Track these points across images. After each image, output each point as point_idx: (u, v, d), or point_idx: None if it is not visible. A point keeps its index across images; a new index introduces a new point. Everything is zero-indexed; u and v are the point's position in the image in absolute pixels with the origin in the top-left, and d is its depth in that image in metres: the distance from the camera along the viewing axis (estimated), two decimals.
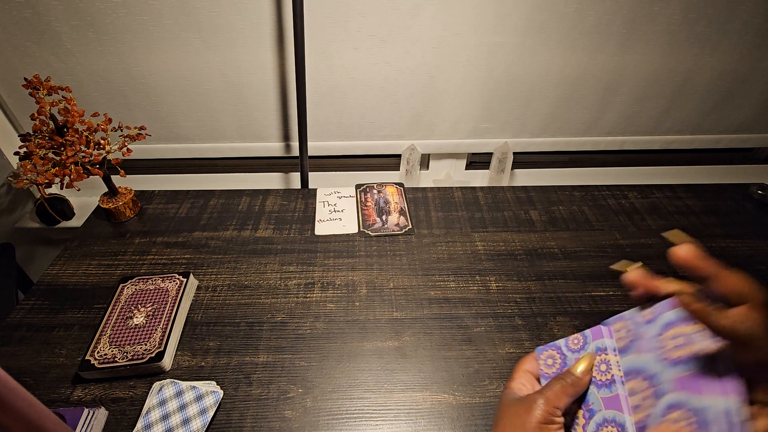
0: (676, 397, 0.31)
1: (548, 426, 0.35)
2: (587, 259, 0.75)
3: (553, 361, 0.42)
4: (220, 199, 0.87)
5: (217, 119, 0.94)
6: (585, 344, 0.41)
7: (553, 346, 0.43)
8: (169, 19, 0.80)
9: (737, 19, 0.85)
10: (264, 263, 0.73)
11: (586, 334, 0.41)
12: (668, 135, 1.04)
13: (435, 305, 0.66)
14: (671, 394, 0.31)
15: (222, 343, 0.61)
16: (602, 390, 0.37)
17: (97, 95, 0.89)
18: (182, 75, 0.87)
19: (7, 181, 0.95)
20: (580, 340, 0.41)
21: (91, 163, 0.73)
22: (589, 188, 0.91)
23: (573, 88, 0.93)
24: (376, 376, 0.57)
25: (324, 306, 0.66)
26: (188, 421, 0.51)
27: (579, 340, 0.41)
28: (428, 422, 0.53)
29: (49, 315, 0.65)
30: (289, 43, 0.83)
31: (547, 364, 0.42)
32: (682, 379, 0.31)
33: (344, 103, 0.93)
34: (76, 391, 0.55)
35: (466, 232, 0.80)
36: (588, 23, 0.84)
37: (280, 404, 0.54)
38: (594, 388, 0.37)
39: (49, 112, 0.68)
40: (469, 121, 0.98)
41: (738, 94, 0.97)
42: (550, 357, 0.43)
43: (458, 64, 0.88)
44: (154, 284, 0.66)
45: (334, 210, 0.85)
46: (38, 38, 0.81)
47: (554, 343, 0.43)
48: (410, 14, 0.81)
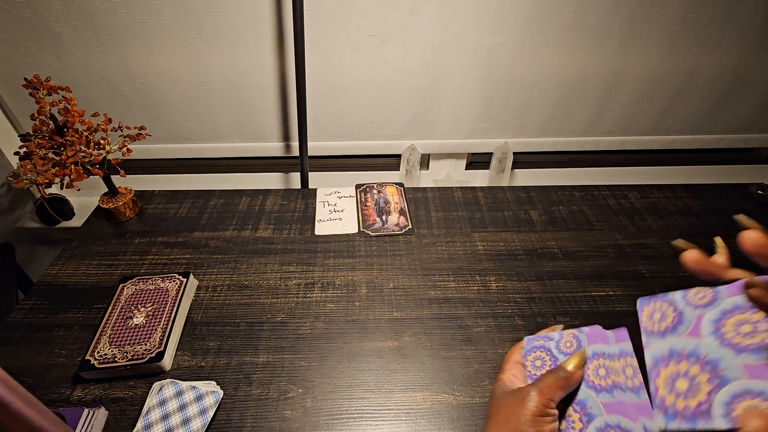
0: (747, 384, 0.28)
1: (542, 418, 0.35)
2: (587, 259, 0.75)
3: (542, 363, 0.40)
4: (220, 199, 0.87)
5: (217, 119, 0.94)
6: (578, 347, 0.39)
7: (542, 348, 0.41)
8: (169, 19, 0.80)
9: (737, 19, 0.85)
10: (264, 263, 0.73)
11: (579, 338, 0.39)
12: (668, 135, 1.04)
13: (435, 305, 0.66)
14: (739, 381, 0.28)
15: (222, 343, 0.61)
16: (602, 395, 0.35)
17: (97, 95, 0.89)
18: (182, 75, 0.87)
19: (7, 181, 0.95)
20: (573, 344, 0.39)
21: (91, 163, 0.73)
22: (589, 188, 0.91)
23: (573, 88, 0.93)
24: (376, 376, 0.57)
25: (324, 306, 0.66)
26: (188, 421, 0.51)
27: (572, 344, 0.39)
28: (428, 422, 0.53)
29: (49, 315, 0.65)
30: (289, 43, 0.83)
31: (535, 365, 0.41)
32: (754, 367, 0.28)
33: (344, 103, 0.93)
34: (76, 391, 0.55)
35: (466, 232, 0.80)
36: (588, 23, 0.84)
37: (280, 404, 0.54)
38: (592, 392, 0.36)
39: (49, 112, 0.68)
40: (469, 121, 0.98)
41: (738, 94, 0.97)
42: (538, 359, 0.41)
43: (458, 64, 0.88)
44: (154, 284, 0.66)
45: (334, 210, 0.85)
46: (38, 38, 0.81)
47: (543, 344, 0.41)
48: (410, 14, 0.81)
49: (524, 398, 0.35)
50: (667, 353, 0.32)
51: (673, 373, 0.31)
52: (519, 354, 0.43)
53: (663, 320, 0.34)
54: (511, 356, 0.44)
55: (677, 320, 0.33)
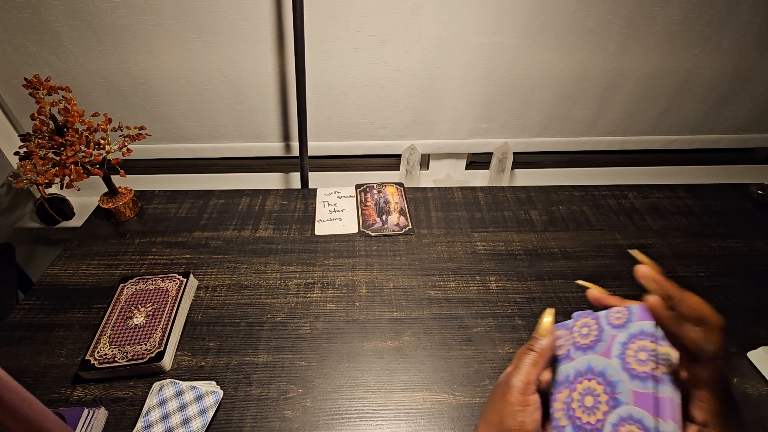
0: (631, 410, 0.30)
1: (523, 410, 0.33)
2: (587, 259, 0.75)
3: (588, 331, 0.37)
4: (220, 199, 0.87)
5: (217, 119, 0.94)
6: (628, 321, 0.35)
7: (591, 315, 0.38)
8: (169, 19, 0.80)
9: (737, 19, 0.85)
10: (264, 263, 0.73)
11: (632, 309, 0.34)
12: (668, 135, 1.04)
13: (435, 305, 0.66)
14: (627, 406, 0.30)
15: (222, 343, 0.61)
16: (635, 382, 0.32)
17: (97, 95, 0.89)
18: (182, 75, 0.87)
19: (7, 181, 0.95)
20: (624, 314, 0.35)
21: (91, 163, 0.73)
22: (589, 188, 0.91)
23: (573, 88, 0.93)
24: (376, 376, 0.57)
25: (324, 306, 0.66)
26: (188, 421, 0.51)
27: (623, 315, 0.35)
28: (428, 422, 0.53)
29: (49, 315, 0.65)
30: (289, 43, 0.83)
31: (582, 333, 0.37)
32: (640, 395, 0.30)
33: (344, 103, 0.93)
34: (76, 391, 0.55)
35: (466, 232, 0.80)
36: (588, 23, 0.84)
37: (280, 404, 0.54)
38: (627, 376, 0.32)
39: (49, 112, 0.68)
40: (469, 121, 0.98)
41: (738, 94, 0.97)
42: (585, 326, 0.37)
43: (458, 64, 0.88)
44: (154, 284, 0.66)
45: (334, 210, 0.85)
46: (38, 38, 0.81)
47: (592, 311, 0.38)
48: (410, 14, 0.81)
49: (504, 391, 0.35)
50: (585, 369, 0.35)
51: (587, 388, 0.34)
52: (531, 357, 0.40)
53: (588, 336, 0.36)
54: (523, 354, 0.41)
55: (597, 338, 0.35)
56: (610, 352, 0.33)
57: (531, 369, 0.35)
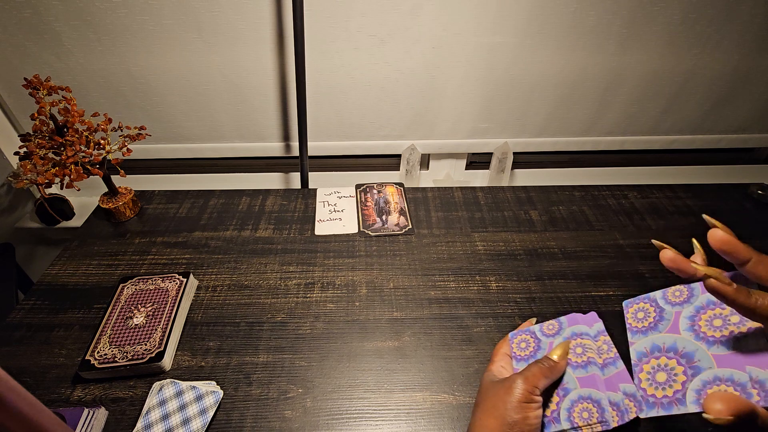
0: (716, 372, 0.31)
1: (528, 405, 0.36)
2: (587, 259, 0.75)
3: (526, 345, 0.44)
4: (220, 199, 0.87)
5: (217, 119, 0.94)
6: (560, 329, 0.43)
7: (527, 332, 0.46)
8: (169, 19, 0.80)
9: (737, 19, 0.85)
10: (264, 263, 0.73)
11: (561, 320, 0.44)
12: (668, 135, 1.04)
13: (435, 305, 0.66)
14: (710, 371, 0.32)
15: (222, 343, 0.61)
16: (578, 370, 0.39)
17: (97, 95, 0.89)
18: (182, 75, 0.87)
19: (7, 181, 0.95)
20: (555, 326, 0.44)
21: (91, 163, 0.73)
22: (589, 188, 0.91)
23: (573, 88, 0.93)
24: (376, 376, 0.57)
25: (324, 306, 0.66)
26: (188, 421, 0.51)
27: (554, 326, 0.44)
28: (428, 422, 0.53)
29: (49, 315, 0.65)
30: (289, 43, 0.83)
31: (520, 347, 0.45)
32: (723, 357, 0.31)
33: (344, 103, 0.93)
34: (76, 391, 0.55)
35: (466, 232, 0.80)
36: (588, 23, 0.84)
37: (280, 404, 0.54)
38: (569, 369, 0.39)
39: (49, 112, 0.68)
40: (469, 121, 0.98)
41: (738, 94, 0.97)
42: (523, 341, 0.45)
43: (458, 64, 0.88)
44: (154, 284, 0.66)
45: (334, 210, 0.85)
46: (38, 38, 0.81)
47: (528, 328, 0.46)
48: (410, 14, 0.81)
49: (510, 386, 0.37)
50: (650, 349, 0.36)
51: (654, 366, 0.35)
52: (507, 346, 0.46)
53: (646, 319, 0.38)
54: (499, 349, 0.47)
55: (658, 318, 0.37)
56: (678, 327, 0.35)
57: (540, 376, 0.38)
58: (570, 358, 0.40)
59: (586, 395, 0.37)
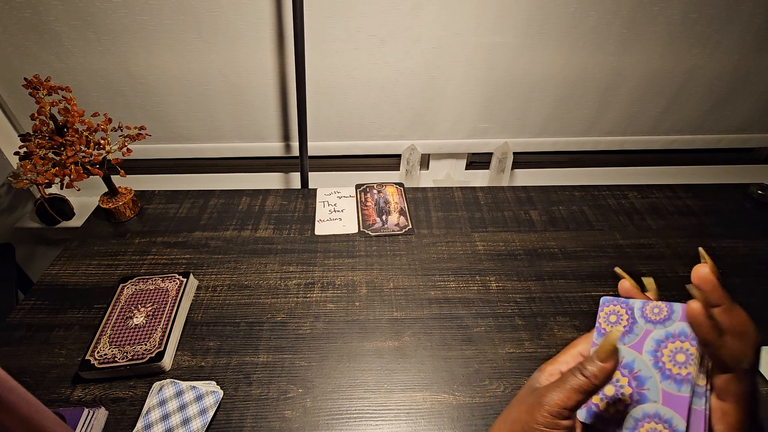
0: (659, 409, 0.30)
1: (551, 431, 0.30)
2: (587, 259, 0.75)
3: (617, 319, 0.34)
4: (220, 199, 0.87)
5: (217, 119, 0.94)
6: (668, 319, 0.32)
7: (623, 304, 0.35)
8: (169, 19, 0.80)
9: (737, 19, 0.85)
10: (264, 263, 0.73)
11: (674, 308, 0.31)
12: (668, 135, 1.04)
13: (435, 305, 0.66)
14: (654, 405, 0.30)
15: (222, 343, 0.61)
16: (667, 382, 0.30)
17: (97, 95, 0.89)
18: (182, 75, 0.87)
19: (7, 181, 0.95)
20: (663, 311, 0.32)
21: (91, 163, 0.73)
22: (589, 188, 0.91)
23: (573, 88, 0.93)
24: (376, 376, 0.57)
25: (324, 306, 0.66)
26: (188, 421, 0.51)
27: (661, 311, 0.32)
28: (428, 422, 0.53)
29: (49, 315, 0.65)
30: (289, 43, 0.83)
31: (609, 320, 0.35)
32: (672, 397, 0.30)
33: (344, 103, 0.93)
34: (76, 391, 0.55)
35: (466, 232, 0.80)
36: (588, 23, 0.84)
37: (280, 404, 0.54)
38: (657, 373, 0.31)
39: (49, 112, 0.68)
40: (469, 121, 0.98)
41: (738, 94, 0.97)
42: (613, 313, 0.35)
43: (458, 64, 0.88)
44: (154, 284, 0.66)
45: (334, 210, 0.85)
46: (38, 38, 0.81)
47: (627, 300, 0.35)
48: (410, 14, 0.81)
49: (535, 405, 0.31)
50: None
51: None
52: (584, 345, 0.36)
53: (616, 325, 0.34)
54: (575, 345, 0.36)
55: (628, 329, 0.33)
56: (642, 346, 0.32)
57: (573, 394, 0.29)
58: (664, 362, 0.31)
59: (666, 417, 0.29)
